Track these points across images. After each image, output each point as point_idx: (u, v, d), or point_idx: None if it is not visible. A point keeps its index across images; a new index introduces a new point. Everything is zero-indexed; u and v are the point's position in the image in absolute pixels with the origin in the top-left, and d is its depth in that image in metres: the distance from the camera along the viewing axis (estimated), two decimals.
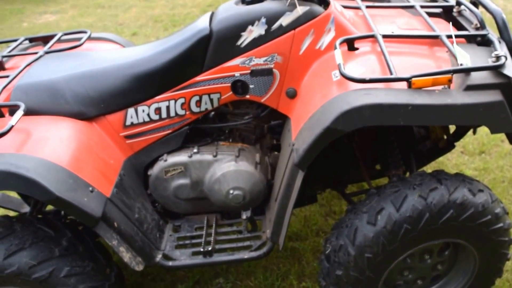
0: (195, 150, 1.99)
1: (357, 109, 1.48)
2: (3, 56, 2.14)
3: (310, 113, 1.63)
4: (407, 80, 1.51)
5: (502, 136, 3.17)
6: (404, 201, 1.63)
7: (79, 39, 2.28)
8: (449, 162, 3.00)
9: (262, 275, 2.39)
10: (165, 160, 1.99)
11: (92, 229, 1.72)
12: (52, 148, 1.69)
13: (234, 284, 2.38)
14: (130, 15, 6.36)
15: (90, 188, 1.70)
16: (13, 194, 2.56)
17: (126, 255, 1.81)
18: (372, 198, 1.71)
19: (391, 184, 1.74)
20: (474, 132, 2.15)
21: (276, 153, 2.13)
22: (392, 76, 1.53)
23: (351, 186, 2.75)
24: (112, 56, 2.06)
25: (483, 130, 3.15)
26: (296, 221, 2.68)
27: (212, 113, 2.02)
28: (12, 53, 2.20)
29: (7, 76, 1.91)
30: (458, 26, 1.92)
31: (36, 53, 2.12)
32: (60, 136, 1.76)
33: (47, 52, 2.12)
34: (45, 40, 2.33)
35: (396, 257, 1.72)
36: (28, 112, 1.74)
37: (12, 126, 1.59)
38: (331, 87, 1.63)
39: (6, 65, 2.14)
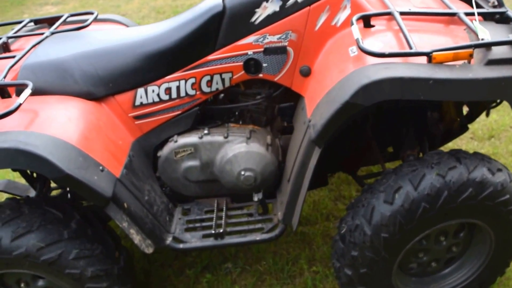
0: (205, 132, 1.95)
1: (377, 82, 1.44)
2: (9, 37, 2.11)
3: (327, 89, 1.60)
4: (428, 54, 1.48)
5: None
6: (423, 180, 1.60)
7: (85, 21, 2.24)
8: (459, 147, 2.96)
9: (272, 260, 2.35)
10: (175, 141, 1.95)
11: (102, 210, 1.69)
12: (61, 126, 1.65)
13: (243, 269, 2.35)
14: (133, 6, 6.31)
15: (101, 167, 1.66)
16: (19, 180, 2.52)
17: (136, 237, 1.78)
18: (389, 177, 1.67)
19: (408, 163, 1.71)
20: (487, 115, 2.11)
21: (286, 135, 2.10)
22: (412, 51, 1.49)
23: (360, 171, 2.71)
24: (121, 34, 2.02)
25: (492, 116, 3.14)
26: (305, 206, 2.64)
27: (223, 94, 1.99)
28: (18, 34, 2.16)
29: (14, 57, 1.87)
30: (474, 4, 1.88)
31: (42, 34, 2.08)
32: (68, 115, 1.72)
33: (53, 33, 2.08)
34: (50, 21, 2.29)
35: (413, 237, 1.69)
36: (35, 92, 1.70)
37: (20, 104, 1.56)
38: (348, 63, 1.59)
39: (12, 47, 2.11)
